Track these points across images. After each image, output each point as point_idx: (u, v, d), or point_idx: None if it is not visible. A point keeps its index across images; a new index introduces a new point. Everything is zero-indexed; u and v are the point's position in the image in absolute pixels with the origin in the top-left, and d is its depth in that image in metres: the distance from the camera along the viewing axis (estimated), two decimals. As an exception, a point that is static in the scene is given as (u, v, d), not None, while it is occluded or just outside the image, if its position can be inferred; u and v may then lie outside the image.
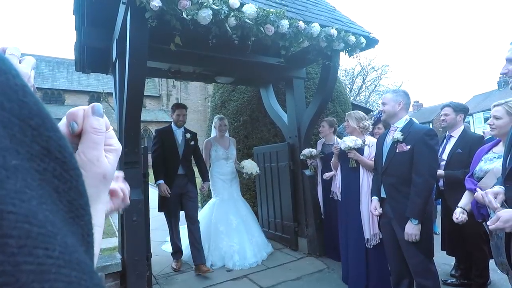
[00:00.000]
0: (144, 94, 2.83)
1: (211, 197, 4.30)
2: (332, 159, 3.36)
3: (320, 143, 3.92)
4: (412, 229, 2.25)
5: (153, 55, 2.97)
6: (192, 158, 3.89)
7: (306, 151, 3.79)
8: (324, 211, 3.86)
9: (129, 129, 2.81)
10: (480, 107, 27.54)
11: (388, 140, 2.48)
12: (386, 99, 2.51)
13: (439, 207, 3.61)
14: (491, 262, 2.39)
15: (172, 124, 3.80)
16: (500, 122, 2.09)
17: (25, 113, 0.20)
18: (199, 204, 4.81)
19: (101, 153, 0.39)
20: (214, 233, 3.88)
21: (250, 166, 4.05)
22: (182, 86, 30.19)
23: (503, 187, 1.59)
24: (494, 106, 2.31)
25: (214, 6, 2.27)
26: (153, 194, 3.59)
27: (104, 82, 27.35)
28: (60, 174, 0.21)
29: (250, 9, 2.43)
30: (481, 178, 2.14)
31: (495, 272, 2.81)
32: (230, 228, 3.90)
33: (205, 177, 3.92)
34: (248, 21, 2.44)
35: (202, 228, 3.74)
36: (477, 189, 2.12)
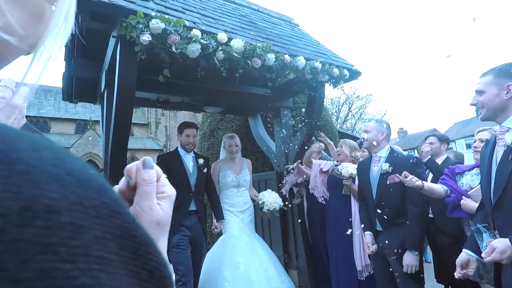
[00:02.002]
0: (132, 121, 2.84)
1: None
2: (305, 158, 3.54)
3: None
4: (412, 261, 2.24)
5: (142, 86, 3.01)
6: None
7: (289, 166, 3.80)
8: (310, 237, 3.80)
9: (115, 159, 2.77)
10: (461, 134, 28.47)
11: (375, 170, 2.50)
12: (369, 127, 2.55)
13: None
14: None
15: (179, 148, 3.16)
16: None
17: (135, 246, 0.22)
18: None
19: (153, 202, 0.42)
20: (216, 280, 3.11)
21: (271, 200, 3.34)
22: (171, 114, 30.33)
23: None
24: (479, 131, 2.44)
25: (202, 41, 2.35)
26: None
27: (91, 110, 27.24)
28: None
29: (237, 44, 2.52)
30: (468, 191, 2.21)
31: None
32: (236, 273, 3.07)
33: (219, 214, 3.20)
34: (236, 54, 2.53)
35: (203, 270, 3.16)
36: (464, 198, 2.16)
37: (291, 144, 4.13)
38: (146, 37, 2.12)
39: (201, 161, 3.15)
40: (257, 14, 4.10)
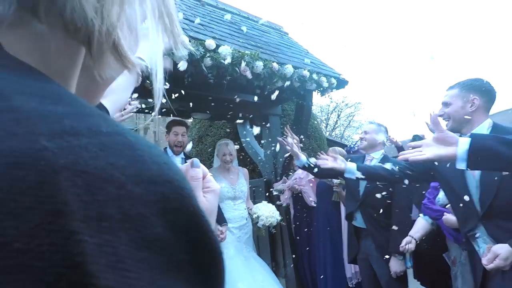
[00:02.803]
0: None
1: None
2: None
3: (293, 179, 3.94)
4: (398, 266, 2.26)
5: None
6: None
7: (279, 186, 3.78)
8: (297, 244, 3.78)
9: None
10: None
11: None
12: (369, 128, 2.60)
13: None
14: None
15: (168, 149, 2.84)
16: None
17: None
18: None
19: (199, 194, 0.50)
20: None
21: (268, 213, 3.00)
22: (160, 120, 30.08)
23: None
24: None
25: (190, 47, 2.34)
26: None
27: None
28: (208, 262, 0.25)
29: (225, 51, 2.52)
30: (446, 204, 2.22)
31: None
32: None
33: (221, 218, 2.78)
34: (224, 61, 2.53)
35: None
36: (446, 214, 2.19)
37: (280, 152, 4.13)
38: (132, 43, 2.09)
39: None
40: (247, 21, 4.12)
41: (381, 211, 2.36)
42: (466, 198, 1.61)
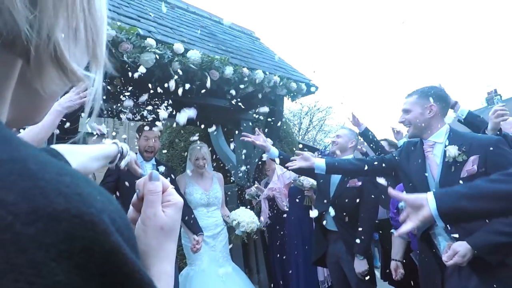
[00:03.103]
0: (85, 131, 2.61)
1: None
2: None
3: (263, 183, 3.95)
4: (361, 266, 2.31)
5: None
6: None
7: (252, 190, 3.76)
8: (270, 248, 3.78)
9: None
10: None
11: None
12: (342, 132, 2.67)
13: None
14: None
15: (138, 155, 2.58)
16: None
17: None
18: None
19: (157, 209, 0.47)
20: None
21: (248, 219, 2.86)
22: (131, 124, 29.16)
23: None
24: None
25: (157, 51, 2.28)
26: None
27: (42, 118, 25.30)
28: None
29: (194, 55, 2.48)
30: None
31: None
32: None
33: (196, 227, 2.62)
34: (193, 66, 2.48)
35: None
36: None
37: (252, 157, 4.12)
38: (94, 45, 2.00)
39: (161, 169, 2.54)
40: (218, 26, 4.10)
41: (346, 212, 2.41)
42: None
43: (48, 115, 1.49)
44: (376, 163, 1.96)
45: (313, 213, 2.45)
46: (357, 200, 2.41)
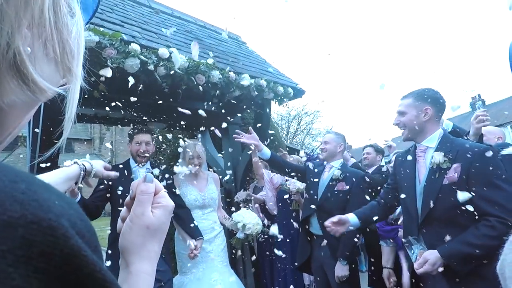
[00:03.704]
0: (72, 137, 2.56)
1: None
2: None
3: (252, 187, 3.96)
4: (342, 271, 2.31)
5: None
6: None
7: (241, 194, 3.77)
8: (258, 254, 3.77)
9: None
10: (399, 148, 31.20)
11: (325, 176, 2.58)
12: (328, 138, 2.63)
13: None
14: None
15: (131, 160, 2.50)
16: None
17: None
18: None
19: (146, 209, 0.49)
20: None
21: (253, 220, 2.68)
22: (117, 129, 28.70)
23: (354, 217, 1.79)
24: (395, 154, 2.65)
25: (142, 56, 2.27)
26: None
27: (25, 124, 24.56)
28: None
29: (180, 60, 2.48)
30: (397, 218, 2.35)
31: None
32: None
33: (195, 231, 2.45)
34: (178, 70, 2.48)
35: None
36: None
37: (239, 160, 4.12)
38: (77, 50, 1.98)
39: (156, 172, 2.37)
40: (204, 30, 4.10)
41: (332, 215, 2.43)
42: (403, 196, 1.73)
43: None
44: (389, 196, 1.94)
45: (273, 229, 2.50)
46: (344, 205, 2.42)
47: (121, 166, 2.37)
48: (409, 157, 1.80)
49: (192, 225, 2.44)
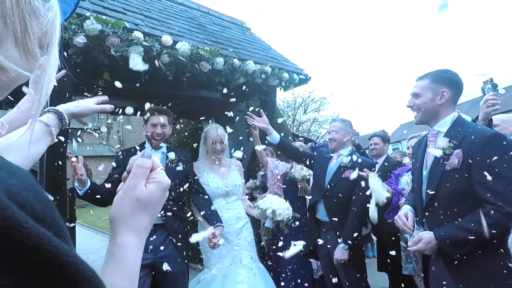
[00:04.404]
0: (80, 127, 2.57)
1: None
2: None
3: (259, 175, 3.97)
4: (342, 254, 2.34)
5: (81, 91, 2.80)
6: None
7: (250, 183, 3.79)
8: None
9: (51, 168, 2.54)
10: (407, 135, 30.70)
11: (334, 162, 2.57)
12: (336, 127, 2.57)
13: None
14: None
15: (146, 142, 2.38)
16: None
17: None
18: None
19: (139, 182, 0.50)
20: None
21: (283, 206, 2.46)
22: (125, 118, 28.87)
23: (410, 207, 1.74)
24: (411, 138, 2.61)
25: (145, 43, 2.25)
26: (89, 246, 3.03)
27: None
28: (53, 277, 0.22)
29: (183, 47, 2.46)
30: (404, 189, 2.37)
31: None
32: None
33: (215, 218, 2.25)
34: (182, 58, 2.46)
35: None
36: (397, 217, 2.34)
37: (245, 148, 4.12)
38: (80, 39, 1.97)
39: (171, 155, 2.24)
40: (207, 16, 4.04)
41: (339, 202, 2.43)
42: (415, 184, 1.71)
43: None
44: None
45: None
46: (351, 192, 2.42)
47: (138, 148, 2.30)
48: (423, 142, 1.77)
49: (209, 211, 2.25)
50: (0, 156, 0.24)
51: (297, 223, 2.63)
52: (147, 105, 2.06)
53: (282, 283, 3.05)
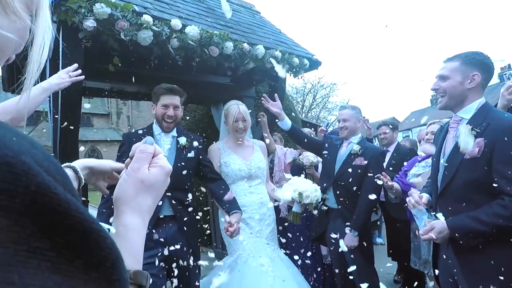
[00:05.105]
0: (91, 112, 2.62)
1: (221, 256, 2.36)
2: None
3: (268, 159, 3.98)
4: (352, 241, 2.35)
5: (92, 75, 2.81)
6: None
7: None
8: None
9: (65, 152, 2.59)
10: (418, 122, 30.34)
11: (343, 150, 2.56)
12: (347, 115, 2.52)
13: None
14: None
15: (154, 125, 2.13)
16: None
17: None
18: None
19: (142, 165, 0.52)
20: None
21: (311, 187, 2.26)
22: (134, 104, 29.11)
23: (428, 195, 1.72)
24: (430, 124, 2.56)
25: (154, 28, 2.23)
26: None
27: (46, 100, 25.28)
28: (80, 242, 0.23)
29: (193, 31, 2.43)
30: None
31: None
32: None
33: (232, 204, 2.07)
34: (191, 42, 2.43)
35: None
36: (412, 189, 2.34)
37: (254, 134, 4.12)
38: (90, 23, 1.96)
39: (182, 140, 2.05)
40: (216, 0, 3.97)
41: (349, 189, 2.43)
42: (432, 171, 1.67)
43: (33, 90, 1.43)
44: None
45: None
46: (361, 179, 2.41)
47: (141, 131, 2.08)
48: (444, 129, 1.71)
49: (227, 199, 2.06)
50: (11, 126, 0.23)
51: (325, 207, 2.50)
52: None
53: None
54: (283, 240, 2.79)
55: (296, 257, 2.60)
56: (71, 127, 2.53)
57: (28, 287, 0.18)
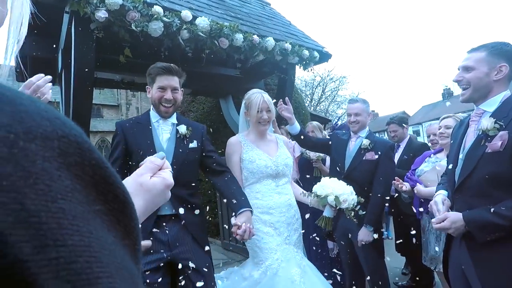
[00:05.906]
0: (101, 103, 2.66)
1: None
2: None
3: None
4: (367, 236, 2.34)
5: (103, 66, 2.85)
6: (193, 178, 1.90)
7: None
8: None
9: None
10: (428, 117, 29.80)
11: (352, 145, 2.55)
12: (359, 109, 2.47)
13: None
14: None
15: (151, 112, 1.85)
16: (451, 131, 2.28)
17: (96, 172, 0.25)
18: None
19: (146, 172, 0.56)
20: None
21: (346, 190, 2.00)
22: (143, 95, 29.32)
23: (445, 192, 1.69)
24: (444, 118, 2.52)
25: (165, 19, 2.24)
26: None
27: (56, 91, 25.63)
28: (121, 211, 0.26)
29: (203, 22, 2.42)
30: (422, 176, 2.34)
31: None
32: None
33: (241, 202, 1.79)
34: (202, 34, 2.43)
35: None
36: (418, 184, 2.33)
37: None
38: (102, 14, 1.98)
39: (182, 129, 1.80)
40: (226, -9, 3.94)
41: (361, 185, 2.41)
42: (450, 166, 1.62)
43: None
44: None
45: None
46: (372, 174, 2.39)
47: (135, 119, 1.90)
48: (464, 123, 1.65)
49: (236, 195, 1.81)
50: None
51: (363, 212, 2.23)
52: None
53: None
54: None
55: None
56: (83, 117, 2.58)
57: (100, 239, 0.22)
